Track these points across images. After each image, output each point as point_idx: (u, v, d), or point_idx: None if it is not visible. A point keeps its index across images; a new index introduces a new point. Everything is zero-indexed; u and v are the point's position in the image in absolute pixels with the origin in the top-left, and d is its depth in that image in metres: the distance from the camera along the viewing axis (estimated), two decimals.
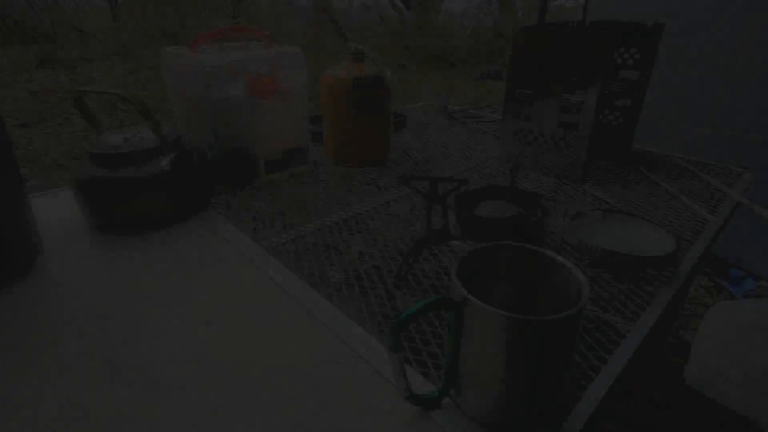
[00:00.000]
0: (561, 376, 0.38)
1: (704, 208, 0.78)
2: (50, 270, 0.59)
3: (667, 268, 0.61)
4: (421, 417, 0.39)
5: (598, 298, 0.56)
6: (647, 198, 0.83)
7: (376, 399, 0.41)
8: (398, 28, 8.00)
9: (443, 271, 0.61)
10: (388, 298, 0.55)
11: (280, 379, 0.43)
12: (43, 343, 0.47)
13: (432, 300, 0.35)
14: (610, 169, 0.96)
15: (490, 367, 0.36)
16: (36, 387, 0.42)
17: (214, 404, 0.40)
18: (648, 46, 0.98)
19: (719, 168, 0.98)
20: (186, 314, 0.51)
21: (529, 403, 0.38)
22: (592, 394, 0.42)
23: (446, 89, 4.93)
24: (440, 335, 0.50)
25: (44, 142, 3.01)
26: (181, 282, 0.57)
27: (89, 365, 0.44)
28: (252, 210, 0.76)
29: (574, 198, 0.84)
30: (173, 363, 0.44)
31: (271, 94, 0.79)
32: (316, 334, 0.48)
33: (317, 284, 0.57)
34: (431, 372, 0.45)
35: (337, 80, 0.86)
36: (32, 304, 0.52)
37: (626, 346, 0.47)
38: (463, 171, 0.95)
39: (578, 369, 0.45)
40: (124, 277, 0.57)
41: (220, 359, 0.45)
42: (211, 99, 0.73)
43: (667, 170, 0.96)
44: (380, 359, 0.45)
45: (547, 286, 0.41)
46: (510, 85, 0.92)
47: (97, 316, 0.51)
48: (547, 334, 0.34)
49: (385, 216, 0.75)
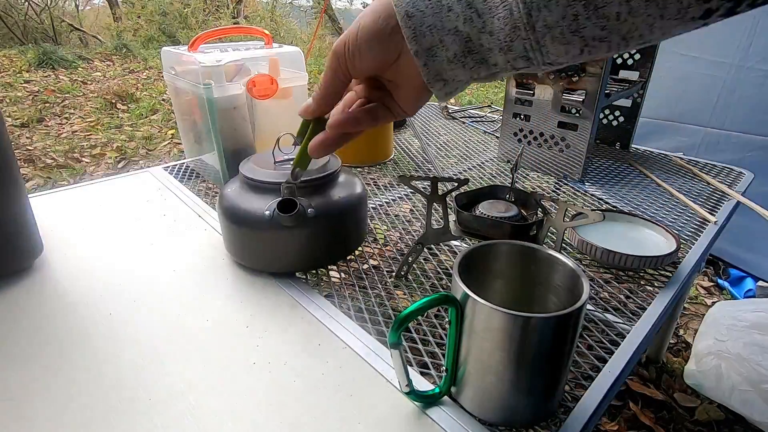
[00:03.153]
0: (561, 374, 0.38)
1: (704, 208, 0.78)
2: (50, 270, 0.59)
3: (667, 268, 0.61)
4: (421, 415, 0.39)
5: (598, 298, 0.56)
6: (647, 198, 0.83)
7: (376, 399, 0.41)
8: None
9: (443, 270, 0.61)
10: (388, 298, 0.55)
11: (280, 379, 0.43)
12: (43, 343, 0.47)
13: (433, 297, 0.35)
14: (610, 169, 0.96)
15: (491, 365, 0.36)
16: (36, 387, 0.42)
17: (212, 403, 0.40)
18: (648, 46, 0.98)
19: (719, 168, 0.98)
20: (185, 312, 0.51)
21: (529, 401, 0.38)
22: (592, 394, 0.42)
23: None
24: (440, 335, 0.50)
25: (44, 142, 3.01)
26: (180, 281, 0.57)
27: (89, 365, 0.44)
28: None
29: (574, 198, 0.84)
30: (173, 362, 0.44)
31: (271, 94, 0.79)
32: (316, 334, 0.48)
33: (317, 284, 0.57)
34: (431, 372, 0.45)
35: None
36: (32, 304, 0.52)
37: (626, 346, 0.47)
38: (463, 171, 0.95)
39: (578, 369, 0.45)
40: (124, 277, 0.57)
41: (219, 356, 0.45)
42: (211, 99, 0.73)
43: (667, 170, 0.96)
44: (380, 359, 0.45)
45: (547, 284, 0.41)
46: (510, 85, 0.92)
47: (97, 315, 0.51)
48: (547, 331, 0.34)
49: (385, 216, 0.75)
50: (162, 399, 0.40)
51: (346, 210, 0.57)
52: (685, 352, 1.38)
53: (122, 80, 4.50)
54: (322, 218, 0.54)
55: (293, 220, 0.51)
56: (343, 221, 0.58)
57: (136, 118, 3.60)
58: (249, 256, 0.58)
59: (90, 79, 4.56)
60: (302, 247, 0.56)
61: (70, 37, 7.15)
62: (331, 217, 0.55)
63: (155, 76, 4.84)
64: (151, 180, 0.86)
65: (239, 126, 0.79)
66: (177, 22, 7.14)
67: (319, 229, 0.55)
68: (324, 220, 0.54)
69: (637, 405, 1.19)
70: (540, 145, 0.92)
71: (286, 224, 0.52)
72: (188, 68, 0.77)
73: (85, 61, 5.18)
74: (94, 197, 0.79)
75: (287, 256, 0.56)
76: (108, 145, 3.04)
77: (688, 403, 1.20)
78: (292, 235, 0.54)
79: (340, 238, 0.59)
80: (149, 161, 2.86)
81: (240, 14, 7.83)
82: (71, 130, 3.28)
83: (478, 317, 0.35)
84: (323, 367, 0.44)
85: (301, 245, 0.55)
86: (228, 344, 0.47)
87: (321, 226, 0.55)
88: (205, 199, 0.79)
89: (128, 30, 7.18)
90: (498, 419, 0.39)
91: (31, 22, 6.81)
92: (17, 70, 4.60)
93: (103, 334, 0.48)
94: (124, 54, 5.75)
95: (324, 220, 0.54)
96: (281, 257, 0.56)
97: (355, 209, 0.59)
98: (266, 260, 0.57)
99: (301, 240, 0.55)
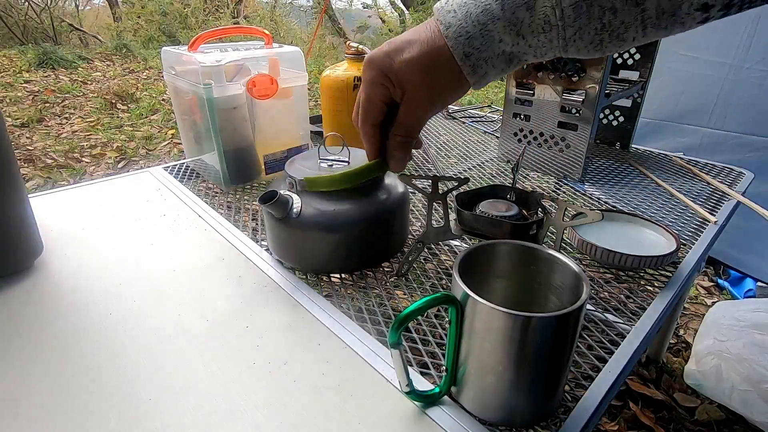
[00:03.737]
0: (561, 374, 0.38)
1: (704, 208, 0.78)
2: (50, 270, 0.59)
3: (667, 268, 0.61)
4: (422, 415, 0.39)
5: (598, 298, 0.56)
6: (647, 198, 0.83)
7: (376, 399, 0.41)
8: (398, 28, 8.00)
9: (443, 270, 0.61)
10: (388, 298, 0.55)
11: (280, 379, 0.43)
12: (43, 343, 0.47)
13: (433, 297, 0.35)
14: (610, 169, 0.96)
15: (491, 364, 0.36)
16: (36, 387, 0.42)
17: (212, 403, 0.40)
18: (648, 46, 0.98)
19: (719, 168, 0.98)
20: (185, 311, 0.51)
21: (529, 401, 0.38)
22: (592, 394, 0.42)
23: None
24: (440, 335, 0.50)
25: (44, 142, 3.01)
26: (180, 281, 0.57)
27: (89, 365, 0.44)
28: (252, 210, 0.76)
29: (574, 198, 0.84)
30: (173, 362, 0.44)
31: (271, 94, 0.79)
32: (316, 333, 0.48)
33: (317, 284, 0.57)
34: (431, 372, 0.45)
35: (337, 80, 0.86)
36: (32, 304, 0.52)
37: (626, 346, 0.47)
38: (463, 171, 0.95)
39: (578, 369, 0.45)
40: (124, 277, 0.57)
41: (219, 356, 0.45)
42: (211, 99, 0.73)
43: (667, 170, 0.96)
44: (380, 359, 0.45)
45: (547, 284, 0.41)
46: (510, 85, 0.92)
47: (97, 315, 0.51)
48: (547, 331, 0.34)
49: None
50: (162, 399, 0.40)
51: (390, 210, 0.59)
52: (685, 352, 1.38)
53: (122, 80, 4.50)
54: (367, 219, 0.56)
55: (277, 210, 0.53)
56: (387, 222, 0.59)
57: (136, 118, 3.60)
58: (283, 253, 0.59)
59: (90, 79, 4.56)
60: (342, 248, 0.57)
61: (70, 37, 7.15)
62: (375, 218, 0.57)
63: (155, 76, 4.84)
64: (151, 180, 0.86)
65: (239, 126, 0.79)
66: (177, 22, 7.15)
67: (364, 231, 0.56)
68: (368, 221, 0.56)
69: (637, 405, 1.19)
70: (540, 145, 0.92)
71: (274, 214, 0.54)
72: (188, 68, 0.77)
73: (85, 61, 5.18)
74: (94, 197, 0.79)
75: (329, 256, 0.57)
76: (108, 145, 3.04)
77: (688, 403, 1.21)
78: (335, 236, 0.55)
79: (384, 238, 0.60)
80: (149, 161, 2.86)
81: (240, 14, 7.83)
82: (71, 130, 3.28)
83: (479, 317, 0.35)
84: (323, 367, 0.44)
85: (344, 246, 0.57)
86: (228, 344, 0.47)
87: (366, 227, 0.56)
88: (205, 199, 0.79)
89: (128, 30, 7.18)
90: (498, 419, 0.39)
91: (31, 22, 6.81)
92: (17, 70, 4.60)
93: (103, 334, 0.48)
94: (124, 54, 5.75)
95: (368, 221, 0.56)
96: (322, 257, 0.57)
97: (400, 209, 0.60)
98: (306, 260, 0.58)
99: (347, 241, 0.56)
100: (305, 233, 0.55)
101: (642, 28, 0.33)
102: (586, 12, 0.33)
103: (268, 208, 0.53)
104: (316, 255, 0.57)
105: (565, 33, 0.34)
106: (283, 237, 0.57)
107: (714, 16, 0.31)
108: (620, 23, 0.33)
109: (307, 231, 0.55)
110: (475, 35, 0.36)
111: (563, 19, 0.34)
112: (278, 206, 0.53)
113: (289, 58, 0.81)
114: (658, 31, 0.33)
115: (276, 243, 0.59)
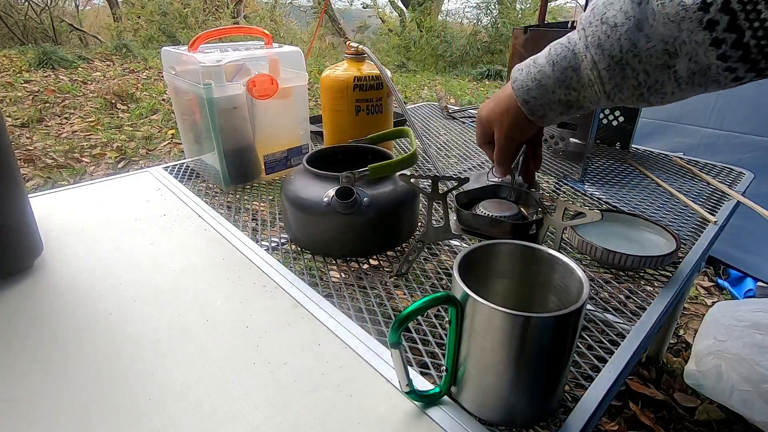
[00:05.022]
0: (561, 374, 0.38)
1: (704, 208, 0.78)
2: (50, 270, 0.59)
3: (667, 268, 0.61)
4: (421, 415, 0.39)
5: (598, 298, 0.56)
6: (647, 198, 0.83)
7: (376, 399, 0.41)
8: (398, 28, 8.00)
9: (443, 270, 0.61)
10: (388, 298, 0.55)
11: (280, 379, 0.43)
12: (43, 343, 0.47)
13: (433, 297, 0.35)
14: (610, 169, 0.96)
15: (491, 364, 0.36)
16: (36, 387, 0.42)
17: (212, 403, 0.40)
18: None
19: (719, 168, 0.98)
20: (185, 311, 0.51)
21: (529, 401, 0.38)
22: (592, 394, 0.42)
23: (446, 89, 4.93)
24: (440, 335, 0.50)
25: (44, 142, 3.01)
26: (180, 281, 0.57)
27: (89, 365, 0.44)
28: (252, 210, 0.76)
29: (574, 198, 0.84)
30: (173, 362, 0.44)
31: (271, 94, 0.79)
32: (316, 333, 0.48)
33: (317, 284, 0.57)
34: (431, 372, 0.45)
35: (337, 80, 0.86)
36: (32, 304, 0.52)
37: (626, 346, 0.47)
38: (463, 171, 0.95)
39: (578, 369, 0.45)
40: (124, 277, 0.57)
41: (218, 356, 0.45)
42: (211, 99, 0.73)
43: (667, 170, 0.96)
44: (380, 359, 0.45)
45: (547, 284, 0.41)
46: None
47: (97, 315, 0.51)
48: (547, 331, 0.34)
49: None
50: (162, 399, 0.40)
51: (400, 200, 0.63)
52: (685, 352, 1.38)
53: (122, 80, 4.50)
54: (377, 208, 0.60)
55: (348, 207, 0.58)
56: (397, 211, 0.63)
57: (136, 118, 3.60)
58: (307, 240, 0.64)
59: (90, 79, 4.56)
60: (357, 234, 0.62)
61: (70, 37, 7.15)
62: (386, 206, 0.61)
63: (155, 76, 4.84)
64: (151, 180, 0.86)
65: (239, 126, 0.79)
66: (177, 22, 7.15)
67: (374, 217, 0.60)
68: (379, 209, 0.60)
69: (637, 405, 1.19)
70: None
71: (341, 210, 0.58)
72: (188, 68, 0.77)
73: (85, 61, 5.18)
74: (94, 197, 0.79)
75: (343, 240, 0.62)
76: (108, 145, 3.04)
77: (688, 403, 1.21)
78: (348, 221, 0.60)
79: (395, 227, 0.65)
80: (149, 161, 2.86)
81: (240, 14, 7.83)
82: (71, 130, 3.28)
83: (479, 317, 0.35)
84: (323, 367, 0.44)
85: (357, 232, 0.61)
86: (228, 344, 0.47)
87: (376, 215, 0.60)
88: (205, 199, 0.79)
89: (128, 30, 7.19)
90: (498, 419, 0.39)
91: (31, 22, 6.81)
92: (17, 70, 4.60)
93: (103, 334, 0.48)
94: (124, 54, 5.75)
95: (379, 209, 0.60)
96: (338, 241, 0.62)
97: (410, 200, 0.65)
98: (324, 243, 0.63)
99: (356, 227, 0.61)
100: (367, 220, 0.60)
101: (677, 85, 0.38)
102: (620, 73, 0.40)
103: (345, 206, 0.57)
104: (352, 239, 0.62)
105: (604, 88, 0.42)
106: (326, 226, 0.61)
107: (745, 78, 0.35)
108: (655, 81, 0.39)
109: (368, 218, 0.60)
110: (532, 87, 0.48)
111: (600, 78, 0.42)
112: (351, 203, 0.58)
113: (289, 58, 0.82)
114: (695, 88, 0.38)
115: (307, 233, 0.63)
